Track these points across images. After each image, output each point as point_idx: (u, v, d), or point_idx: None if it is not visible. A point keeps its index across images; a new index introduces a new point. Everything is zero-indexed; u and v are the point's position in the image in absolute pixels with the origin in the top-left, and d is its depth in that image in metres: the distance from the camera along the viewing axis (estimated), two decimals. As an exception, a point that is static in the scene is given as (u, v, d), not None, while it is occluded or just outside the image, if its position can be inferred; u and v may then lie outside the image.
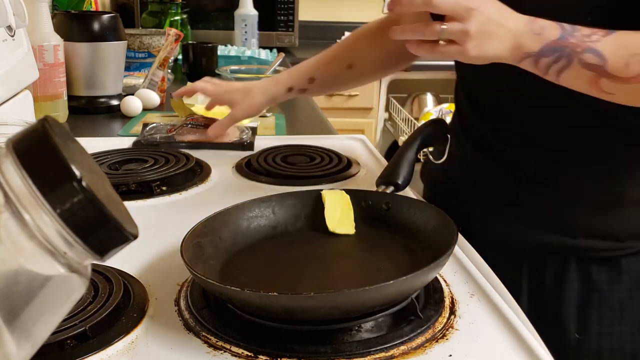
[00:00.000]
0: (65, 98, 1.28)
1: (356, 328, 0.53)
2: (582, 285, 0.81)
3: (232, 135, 1.11)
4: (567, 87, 0.68)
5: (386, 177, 0.75)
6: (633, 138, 0.78)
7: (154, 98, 1.42)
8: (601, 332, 0.81)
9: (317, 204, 0.70)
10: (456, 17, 0.65)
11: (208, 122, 1.10)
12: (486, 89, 0.85)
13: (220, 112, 1.24)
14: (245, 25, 2.23)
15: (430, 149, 0.87)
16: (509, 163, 0.83)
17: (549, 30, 0.65)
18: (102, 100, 1.40)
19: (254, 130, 1.16)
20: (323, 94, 1.14)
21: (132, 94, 1.38)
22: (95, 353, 0.49)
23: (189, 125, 1.12)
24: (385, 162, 0.99)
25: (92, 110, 1.38)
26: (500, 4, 0.67)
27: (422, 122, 1.24)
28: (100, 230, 0.29)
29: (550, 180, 0.81)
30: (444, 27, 0.65)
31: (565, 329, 0.82)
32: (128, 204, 0.56)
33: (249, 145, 1.09)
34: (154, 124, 1.18)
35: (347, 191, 0.71)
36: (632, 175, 0.79)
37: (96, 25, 1.35)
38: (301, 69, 1.03)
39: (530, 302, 0.83)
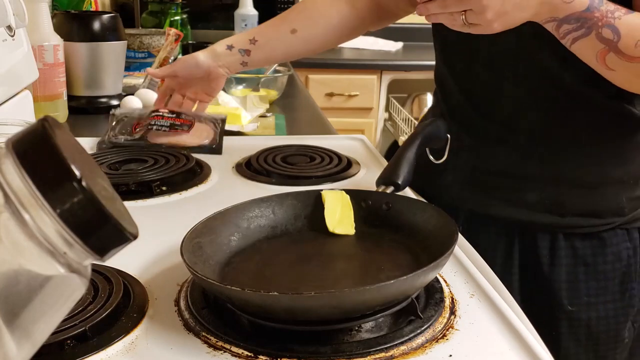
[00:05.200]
0: (65, 98, 1.28)
1: (356, 328, 0.53)
2: (571, 260, 0.87)
3: (203, 136, 1.06)
4: (576, 55, 0.73)
5: (386, 177, 0.75)
6: (622, 124, 0.84)
7: (154, 98, 1.41)
8: (589, 302, 0.87)
9: (317, 204, 0.70)
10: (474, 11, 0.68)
11: (173, 119, 1.06)
12: (478, 79, 0.90)
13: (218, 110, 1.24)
14: (245, 25, 2.23)
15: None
16: (502, 150, 0.88)
17: (579, 0, 0.69)
18: (102, 100, 1.40)
19: (222, 132, 1.08)
20: (273, 60, 1.13)
21: (132, 94, 1.38)
22: (95, 353, 0.49)
23: (154, 128, 1.05)
24: (385, 162, 0.99)
25: (92, 110, 1.38)
26: None
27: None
28: (100, 230, 0.29)
29: (545, 162, 0.86)
30: (464, 17, 0.69)
31: (559, 302, 0.87)
32: (128, 204, 0.56)
33: (217, 149, 1.05)
34: (123, 116, 1.10)
35: (347, 191, 0.71)
36: (616, 159, 0.86)
37: (96, 25, 1.35)
38: (248, 31, 1.06)
39: (522, 278, 0.88)
